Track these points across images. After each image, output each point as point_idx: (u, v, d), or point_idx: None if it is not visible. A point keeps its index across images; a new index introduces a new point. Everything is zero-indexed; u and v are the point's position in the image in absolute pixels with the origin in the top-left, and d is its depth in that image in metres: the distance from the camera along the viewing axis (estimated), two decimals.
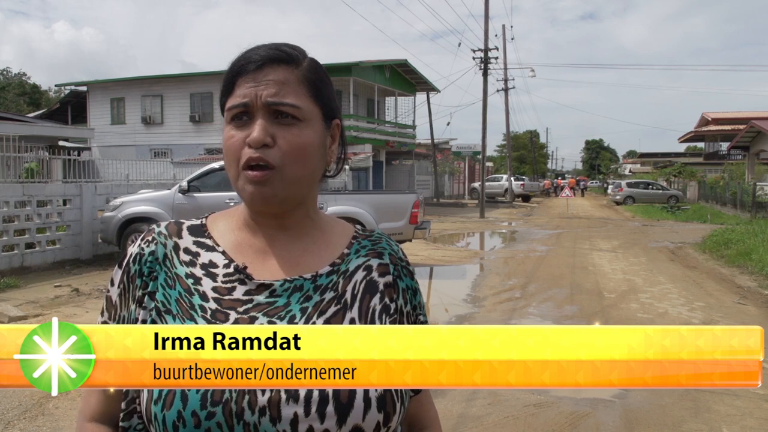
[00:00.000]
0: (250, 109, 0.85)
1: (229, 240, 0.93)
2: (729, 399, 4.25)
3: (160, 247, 0.90)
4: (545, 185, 52.53)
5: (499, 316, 6.79)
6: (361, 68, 25.03)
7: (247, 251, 0.92)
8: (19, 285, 8.07)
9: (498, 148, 79.08)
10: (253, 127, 0.85)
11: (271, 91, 0.85)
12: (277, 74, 0.86)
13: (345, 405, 0.78)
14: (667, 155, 52.73)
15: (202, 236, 0.93)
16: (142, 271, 0.88)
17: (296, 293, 0.88)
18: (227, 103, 0.88)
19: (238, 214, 0.96)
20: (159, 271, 0.88)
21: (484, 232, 18.15)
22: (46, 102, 44.53)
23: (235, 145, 0.86)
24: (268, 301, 0.87)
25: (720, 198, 26.13)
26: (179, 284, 0.88)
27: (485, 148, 26.51)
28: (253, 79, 0.86)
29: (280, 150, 0.85)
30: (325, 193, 9.65)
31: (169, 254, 0.90)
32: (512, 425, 3.77)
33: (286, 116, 0.86)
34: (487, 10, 25.66)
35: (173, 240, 0.92)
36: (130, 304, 0.88)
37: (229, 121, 0.87)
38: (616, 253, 12.38)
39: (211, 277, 0.89)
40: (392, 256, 0.97)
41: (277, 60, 0.87)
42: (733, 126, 37.85)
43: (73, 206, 10.17)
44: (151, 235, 0.92)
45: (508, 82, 36.22)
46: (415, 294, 0.97)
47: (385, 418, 0.81)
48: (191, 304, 0.86)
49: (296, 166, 0.86)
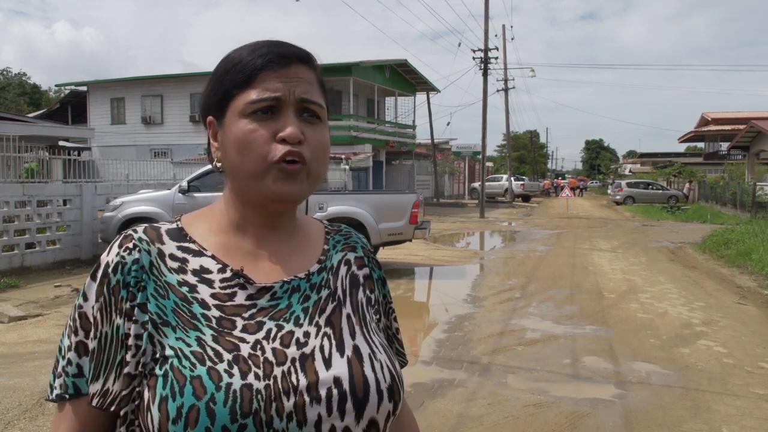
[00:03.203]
0: (280, 104, 0.83)
1: (215, 243, 0.89)
2: (729, 399, 4.25)
3: (144, 254, 0.84)
4: (545, 185, 52.54)
5: (500, 316, 6.79)
6: (361, 68, 25.03)
7: (236, 254, 0.88)
8: (19, 285, 8.07)
9: (498, 148, 79.18)
10: (284, 121, 0.83)
11: (304, 89, 0.85)
12: (303, 73, 0.86)
13: (361, 399, 0.80)
14: (667, 155, 52.66)
15: (185, 240, 0.88)
16: (126, 282, 0.81)
17: (295, 294, 0.87)
18: (246, 95, 0.84)
19: (218, 215, 0.92)
20: (147, 280, 0.82)
21: (484, 232, 18.15)
22: (46, 102, 44.54)
23: (261, 139, 0.82)
24: (270, 305, 0.85)
25: (720, 198, 26.14)
26: (173, 293, 0.83)
27: (485, 148, 26.49)
28: (285, 75, 0.84)
29: (310, 147, 0.84)
30: (325, 193, 9.65)
31: (155, 262, 0.84)
32: (512, 425, 3.77)
33: (312, 115, 0.86)
34: (487, 10, 25.65)
35: (156, 246, 0.86)
36: (114, 318, 0.80)
37: (247, 114, 0.83)
38: (616, 253, 12.38)
39: (207, 283, 0.84)
40: (364, 249, 1.01)
41: (303, 59, 0.87)
42: (733, 126, 37.85)
43: (73, 206, 10.17)
44: (130, 242, 0.85)
45: (508, 82, 36.23)
46: (384, 284, 1.02)
47: (393, 407, 0.84)
48: (192, 314, 0.82)
49: (321, 164, 0.87)
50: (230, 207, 0.91)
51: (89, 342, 0.81)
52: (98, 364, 0.80)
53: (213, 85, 0.89)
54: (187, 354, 0.78)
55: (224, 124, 0.86)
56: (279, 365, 0.79)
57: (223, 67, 0.88)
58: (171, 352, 0.78)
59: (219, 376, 0.75)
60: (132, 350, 0.79)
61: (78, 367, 0.82)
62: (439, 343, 5.63)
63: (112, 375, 0.80)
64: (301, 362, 0.80)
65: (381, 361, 0.85)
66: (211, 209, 0.93)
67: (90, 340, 0.81)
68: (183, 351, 0.78)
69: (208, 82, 0.91)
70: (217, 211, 0.92)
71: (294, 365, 0.79)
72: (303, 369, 0.79)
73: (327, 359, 0.81)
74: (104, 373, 0.80)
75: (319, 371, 0.80)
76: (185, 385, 0.75)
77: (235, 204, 0.90)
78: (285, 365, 0.79)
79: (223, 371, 0.76)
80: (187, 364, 0.76)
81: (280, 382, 0.77)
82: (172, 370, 0.76)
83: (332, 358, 0.82)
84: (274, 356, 0.80)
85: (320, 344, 0.83)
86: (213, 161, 0.91)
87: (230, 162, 0.86)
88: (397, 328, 1.04)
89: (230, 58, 0.88)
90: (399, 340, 1.04)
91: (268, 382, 0.77)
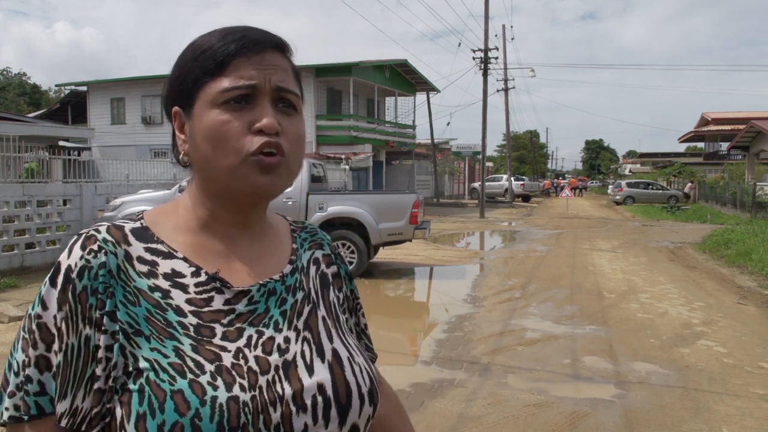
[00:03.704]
0: (255, 93, 0.78)
1: (184, 243, 0.82)
2: (729, 399, 4.25)
3: (111, 257, 0.76)
4: (545, 185, 52.56)
5: (500, 316, 6.79)
6: (361, 68, 25.03)
7: (208, 255, 0.82)
8: (19, 285, 8.07)
9: (498, 148, 79.18)
10: (260, 111, 0.78)
11: (280, 77, 0.80)
12: (279, 61, 0.82)
13: (344, 405, 0.79)
14: (667, 155, 52.69)
15: (152, 241, 0.81)
16: (94, 288, 0.74)
17: (272, 297, 0.83)
18: (218, 84, 0.78)
19: (184, 212, 0.85)
20: (115, 286, 0.75)
21: (484, 232, 18.14)
22: (46, 102, 44.55)
23: (236, 130, 0.77)
24: (248, 309, 0.81)
25: (720, 198, 26.14)
26: (144, 300, 0.76)
27: (485, 148, 26.49)
28: (259, 62, 0.79)
29: (287, 138, 0.80)
30: (325, 193, 9.64)
31: (122, 265, 0.77)
32: (512, 425, 3.77)
33: (287, 105, 0.81)
34: (487, 10, 25.65)
35: (122, 248, 0.78)
36: (82, 328, 0.73)
37: (219, 103, 0.78)
38: (616, 253, 12.38)
39: (181, 288, 0.78)
40: (330, 246, 0.99)
41: (278, 46, 0.83)
42: (733, 126, 37.84)
43: (73, 206, 10.17)
44: (94, 243, 0.77)
45: (508, 82, 36.23)
46: (351, 279, 1.00)
47: (373, 410, 0.83)
48: (167, 322, 0.76)
49: (298, 157, 0.83)
50: (197, 204, 0.85)
51: (51, 356, 0.73)
52: (65, 380, 0.73)
53: (179, 73, 0.82)
54: (165, 366, 0.72)
55: (193, 115, 0.80)
56: (263, 374, 0.76)
57: (190, 54, 0.81)
58: (146, 365, 0.72)
59: (202, 389, 0.71)
60: (102, 363, 0.73)
61: (40, 384, 0.73)
62: (439, 343, 5.62)
63: (81, 391, 0.73)
64: (284, 370, 0.77)
65: (360, 364, 0.84)
66: (176, 206, 0.87)
67: (52, 353, 0.73)
68: (160, 363, 0.72)
69: (173, 70, 0.84)
70: (182, 208, 0.86)
71: (278, 373, 0.77)
72: (287, 377, 0.77)
73: (309, 365, 0.79)
74: (72, 390, 0.73)
75: (303, 378, 0.77)
76: (165, 400, 0.69)
77: (203, 201, 0.84)
78: (269, 374, 0.76)
79: (206, 384, 0.71)
80: (166, 378, 0.71)
81: (265, 392, 0.74)
82: (148, 384, 0.71)
83: (314, 364, 0.80)
84: (258, 365, 0.76)
85: (301, 350, 0.80)
86: (179, 155, 0.84)
87: (201, 155, 0.79)
88: (366, 324, 1.02)
89: (198, 44, 0.82)
90: (368, 335, 1.03)
91: (253, 393, 0.73)
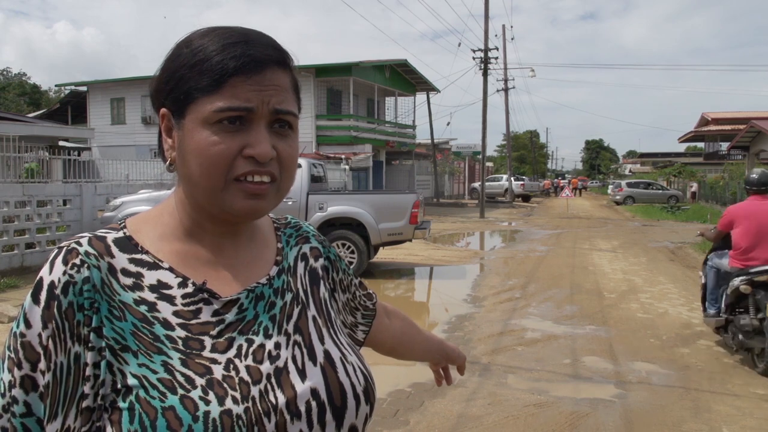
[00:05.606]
0: (251, 116, 0.75)
1: (170, 252, 0.80)
2: (729, 399, 4.25)
3: (95, 271, 0.73)
4: (545, 185, 52.56)
5: (500, 316, 6.79)
6: (361, 68, 25.03)
7: (194, 264, 0.80)
8: (19, 285, 8.07)
9: (498, 148, 79.21)
10: (255, 136, 0.75)
11: (279, 99, 0.77)
12: (279, 79, 0.77)
13: (340, 408, 0.78)
14: (667, 155, 52.72)
15: (136, 252, 0.78)
16: (80, 304, 0.71)
17: (260, 302, 0.82)
18: (212, 102, 0.74)
19: (169, 219, 0.83)
20: (100, 300, 0.72)
21: (484, 232, 18.14)
22: (46, 102, 44.54)
23: (225, 153, 0.74)
24: (238, 318, 0.79)
25: (720, 198, 26.13)
26: (130, 314, 0.74)
27: (485, 148, 26.49)
28: (258, 83, 0.75)
29: (280, 163, 0.78)
30: (325, 193, 9.64)
31: (106, 279, 0.74)
32: (512, 425, 3.77)
33: (284, 125, 0.78)
34: (487, 10, 25.65)
35: (105, 260, 0.75)
36: (71, 346, 0.71)
37: (211, 123, 0.74)
38: (616, 253, 12.38)
39: (168, 300, 0.76)
40: (316, 237, 0.98)
41: (279, 62, 0.78)
42: (733, 126, 37.81)
43: (73, 206, 10.17)
44: (76, 257, 0.73)
45: (508, 82, 36.22)
46: (341, 259, 1.00)
47: (370, 409, 0.83)
48: (154, 336, 0.73)
49: (290, 178, 0.81)
50: (182, 212, 0.82)
51: (37, 375, 0.71)
52: (55, 400, 0.71)
53: (170, 73, 0.77)
54: (154, 382, 0.70)
55: (183, 126, 0.76)
56: (255, 384, 0.74)
57: (185, 58, 0.76)
58: (135, 381, 0.70)
59: (194, 404, 0.69)
60: (90, 381, 0.71)
61: (26, 405, 0.71)
62: None
63: (72, 411, 0.71)
64: (276, 378, 0.76)
65: (353, 363, 0.83)
66: (160, 212, 0.84)
67: (38, 373, 0.71)
68: (149, 379, 0.70)
69: (164, 66, 0.79)
70: (167, 214, 0.83)
71: (270, 382, 0.75)
72: (279, 385, 0.75)
73: (301, 370, 0.78)
74: (63, 410, 0.71)
75: (296, 384, 0.76)
76: (157, 418, 0.68)
77: (188, 210, 0.82)
78: (261, 383, 0.75)
79: (198, 398, 0.70)
80: (156, 394, 0.69)
81: (258, 403, 0.73)
82: (138, 401, 0.69)
83: (306, 368, 0.78)
84: (249, 375, 0.75)
85: (292, 354, 0.79)
86: (166, 160, 0.81)
87: (188, 172, 0.77)
88: (361, 281, 1.07)
89: (194, 48, 0.76)
90: (364, 285, 1.08)
91: (247, 404, 0.72)
